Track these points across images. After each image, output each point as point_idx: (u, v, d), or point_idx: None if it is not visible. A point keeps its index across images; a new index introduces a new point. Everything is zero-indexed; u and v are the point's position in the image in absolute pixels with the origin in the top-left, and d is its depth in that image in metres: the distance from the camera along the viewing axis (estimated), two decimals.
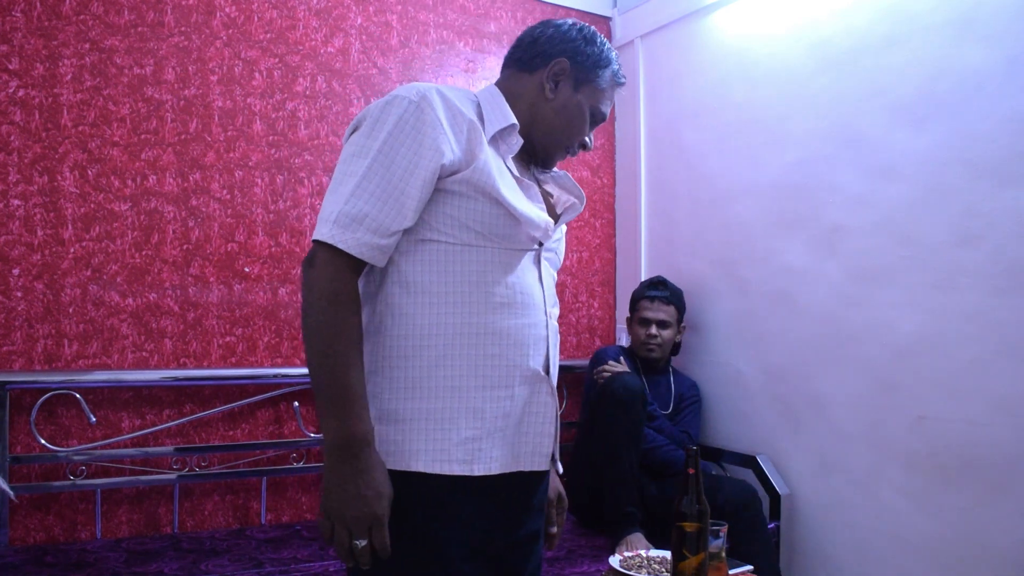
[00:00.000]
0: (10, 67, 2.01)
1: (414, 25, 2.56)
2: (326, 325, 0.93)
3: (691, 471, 1.29)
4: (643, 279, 2.67)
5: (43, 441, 1.99)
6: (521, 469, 1.04)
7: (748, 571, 1.89)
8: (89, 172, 2.09)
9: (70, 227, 2.07)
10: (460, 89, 1.08)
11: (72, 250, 2.07)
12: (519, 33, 1.16)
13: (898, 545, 2.00)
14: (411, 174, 0.95)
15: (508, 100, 1.09)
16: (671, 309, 2.44)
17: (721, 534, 1.36)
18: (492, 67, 2.66)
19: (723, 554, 1.37)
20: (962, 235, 1.85)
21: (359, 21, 2.46)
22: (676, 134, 2.72)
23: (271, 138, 2.32)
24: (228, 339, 2.25)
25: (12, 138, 2.01)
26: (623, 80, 1.16)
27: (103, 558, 1.86)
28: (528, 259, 1.07)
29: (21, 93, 2.02)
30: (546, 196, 1.17)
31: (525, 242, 1.05)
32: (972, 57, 1.83)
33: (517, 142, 1.07)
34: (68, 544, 1.98)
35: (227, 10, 2.27)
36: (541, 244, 1.09)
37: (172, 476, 2.13)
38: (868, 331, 2.07)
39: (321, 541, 2.00)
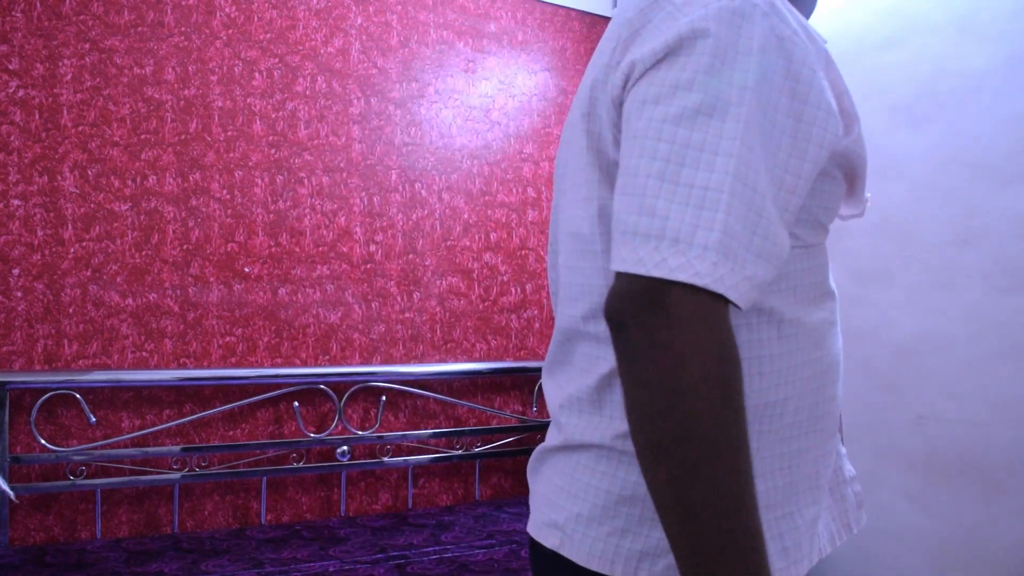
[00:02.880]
0: (10, 67, 2.01)
1: (414, 25, 2.56)
2: (722, 434, 0.51)
3: None
4: None
5: (43, 441, 2.00)
6: (852, 534, 0.78)
7: None
8: (89, 172, 2.09)
9: (70, 227, 2.07)
10: None
11: (72, 250, 2.07)
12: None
13: (898, 545, 2.00)
14: (800, 155, 0.57)
15: None
16: None
17: None
18: (492, 67, 2.66)
19: None
20: (962, 235, 1.85)
21: (359, 21, 2.47)
22: None
23: (271, 138, 2.32)
24: (228, 339, 2.25)
25: (12, 138, 2.01)
26: None
27: (103, 558, 1.86)
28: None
29: (21, 93, 2.02)
30: None
31: None
32: (972, 57, 1.83)
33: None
34: (68, 544, 1.98)
35: (227, 10, 2.27)
36: None
37: (172, 476, 2.13)
38: (868, 331, 2.07)
39: (321, 541, 2.00)
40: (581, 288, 0.70)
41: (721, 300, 0.53)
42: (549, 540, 0.69)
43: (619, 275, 0.55)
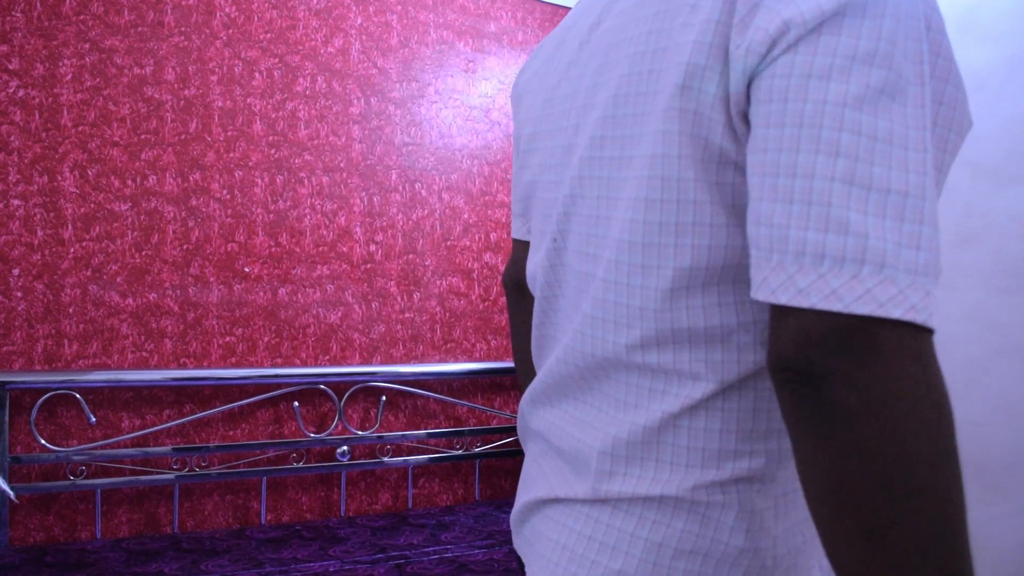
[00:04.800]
0: (10, 67, 2.01)
1: (414, 25, 2.56)
2: (950, 507, 0.41)
3: None
4: None
5: (43, 441, 2.00)
6: None
7: None
8: (89, 172, 2.09)
9: (70, 227, 2.07)
10: None
11: (72, 250, 2.07)
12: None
13: None
14: (942, 145, 0.50)
15: None
16: None
17: None
18: (492, 67, 2.66)
19: None
20: (962, 235, 1.85)
21: (359, 21, 2.47)
22: None
23: (271, 138, 2.32)
24: (228, 339, 2.25)
25: (12, 138, 2.01)
26: None
27: (103, 558, 1.86)
28: None
29: (21, 93, 2.02)
30: None
31: None
32: (972, 57, 1.83)
33: None
34: (68, 544, 1.98)
35: (227, 10, 2.27)
36: None
37: (172, 476, 2.13)
38: None
39: (321, 541, 2.00)
40: (630, 312, 0.57)
41: (930, 335, 0.42)
42: None
43: (792, 312, 0.43)
